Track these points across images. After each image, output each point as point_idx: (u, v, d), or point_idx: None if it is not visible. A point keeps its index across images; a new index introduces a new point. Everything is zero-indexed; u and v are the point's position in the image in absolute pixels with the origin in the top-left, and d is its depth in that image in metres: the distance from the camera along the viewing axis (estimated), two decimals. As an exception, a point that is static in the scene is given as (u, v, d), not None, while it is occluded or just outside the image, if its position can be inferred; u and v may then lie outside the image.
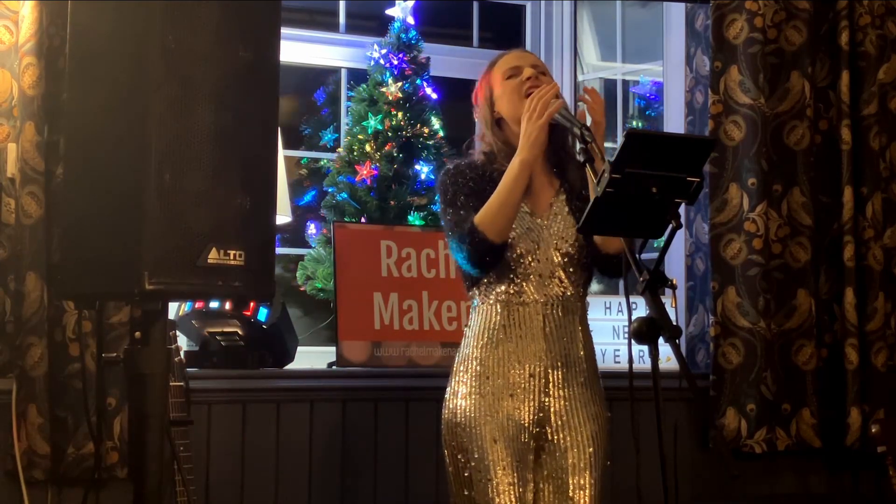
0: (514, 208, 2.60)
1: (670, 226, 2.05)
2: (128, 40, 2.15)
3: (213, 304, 3.37)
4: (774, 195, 3.88)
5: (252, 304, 3.34)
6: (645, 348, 2.01)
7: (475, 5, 4.85)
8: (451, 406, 2.69)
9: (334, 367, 3.58)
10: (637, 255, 2.15)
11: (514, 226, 2.65)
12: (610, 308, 3.89)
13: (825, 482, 4.00)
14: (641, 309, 2.06)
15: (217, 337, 3.39)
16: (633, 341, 2.02)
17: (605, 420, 2.74)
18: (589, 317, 3.83)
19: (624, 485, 3.70)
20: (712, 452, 3.86)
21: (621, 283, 4.14)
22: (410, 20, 4.33)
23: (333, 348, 3.62)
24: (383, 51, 4.26)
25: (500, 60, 2.81)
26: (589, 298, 3.93)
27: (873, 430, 3.44)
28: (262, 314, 3.40)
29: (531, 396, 2.66)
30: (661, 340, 2.00)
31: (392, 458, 3.50)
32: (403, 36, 4.27)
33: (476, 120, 2.88)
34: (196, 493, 2.97)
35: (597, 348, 3.82)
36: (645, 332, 2.00)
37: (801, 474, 3.98)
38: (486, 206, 2.59)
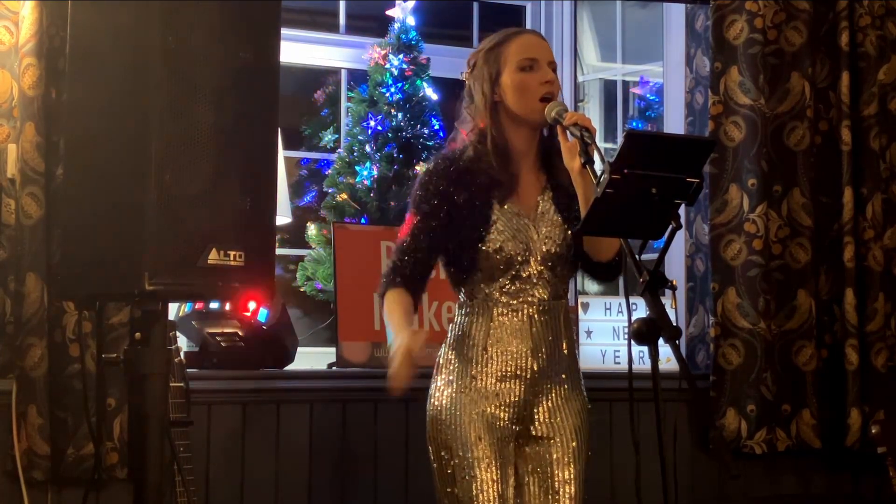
0: None
1: (670, 227, 2.05)
2: (128, 40, 2.15)
3: (213, 305, 3.37)
4: (774, 196, 3.87)
5: (252, 304, 3.34)
6: (645, 349, 2.01)
7: (475, 5, 4.85)
8: (434, 402, 2.69)
9: (334, 368, 3.58)
10: (637, 256, 2.15)
11: (501, 227, 2.64)
12: (610, 309, 3.89)
13: (825, 483, 3.99)
14: (641, 310, 2.06)
15: (217, 338, 3.39)
16: (632, 342, 2.02)
17: (587, 413, 2.74)
18: (589, 317, 3.86)
19: (624, 485, 3.72)
20: (712, 453, 3.86)
21: (621, 284, 4.16)
22: (410, 20, 4.33)
23: (333, 349, 3.62)
24: (383, 51, 4.27)
25: (517, 41, 2.67)
26: (589, 299, 3.97)
27: (873, 431, 3.44)
28: (262, 315, 3.39)
29: (515, 395, 2.65)
30: (660, 341, 2.00)
31: (392, 458, 3.50)
32: (403, 36, 4.27)
33: (466, 81, 2.72)
34: (196, 493, 2.97)
35: (597, 349, 3.87)
36: (645, 332, 2.00)
37: (801, 475, 3.98)
38: (386, 304, 2.67)
